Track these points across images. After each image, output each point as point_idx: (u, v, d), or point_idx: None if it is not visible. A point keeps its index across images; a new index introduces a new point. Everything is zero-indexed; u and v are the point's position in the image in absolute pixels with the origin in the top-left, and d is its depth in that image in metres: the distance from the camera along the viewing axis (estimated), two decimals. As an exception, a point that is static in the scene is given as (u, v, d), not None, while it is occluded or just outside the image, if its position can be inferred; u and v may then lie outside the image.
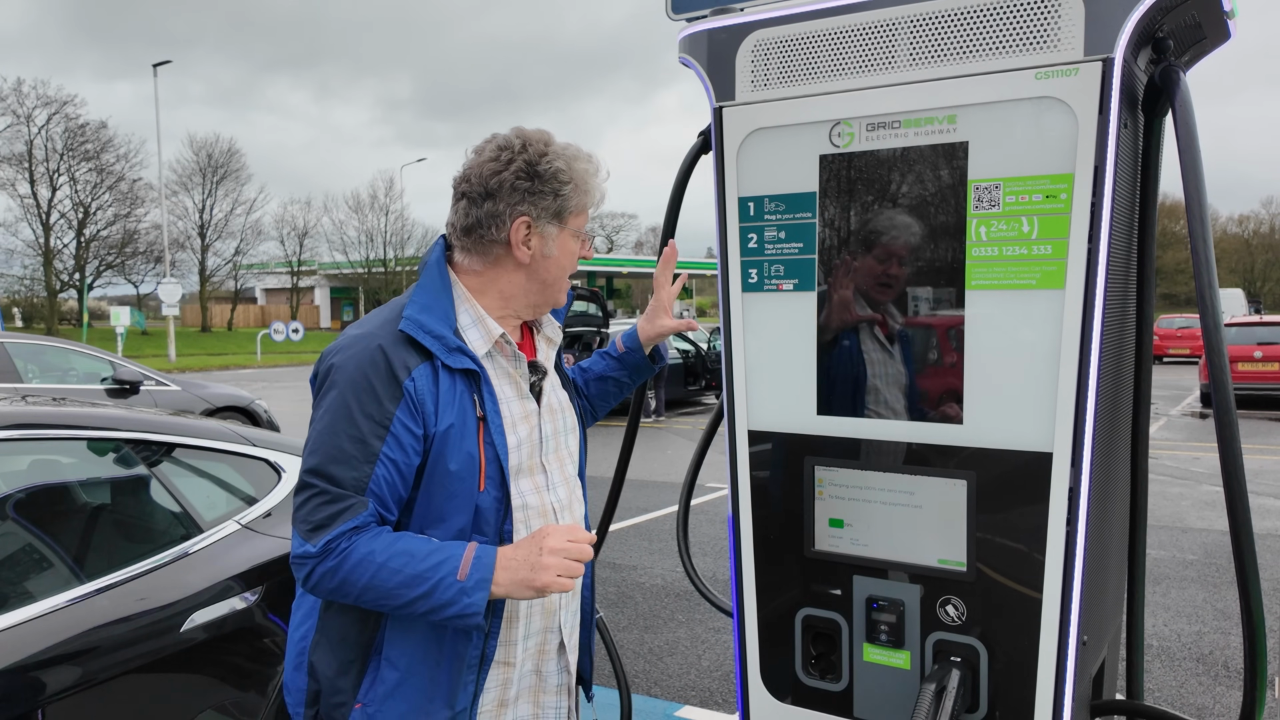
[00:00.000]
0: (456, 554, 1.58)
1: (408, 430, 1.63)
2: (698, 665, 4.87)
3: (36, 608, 2.27)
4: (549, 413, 1.85)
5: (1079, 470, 1.98)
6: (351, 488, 1.61)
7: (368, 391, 1.63)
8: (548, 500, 1.80)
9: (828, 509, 2.28)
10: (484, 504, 1.67)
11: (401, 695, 1.67)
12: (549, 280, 1.81)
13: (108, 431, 2.75)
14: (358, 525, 1.60)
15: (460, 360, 1.69)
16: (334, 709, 1.71)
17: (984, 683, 2.12)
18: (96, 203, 43.88)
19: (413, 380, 1.64)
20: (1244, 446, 1.90)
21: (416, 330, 1.68)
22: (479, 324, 1.76)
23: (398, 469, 1.63)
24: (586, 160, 1.80)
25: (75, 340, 13.24)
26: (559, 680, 1.85)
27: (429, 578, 1.55)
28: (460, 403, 1.67)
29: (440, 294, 1.76)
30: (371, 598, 1.59)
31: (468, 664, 1.68)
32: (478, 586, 1.55)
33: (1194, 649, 5.00)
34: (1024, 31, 1.97)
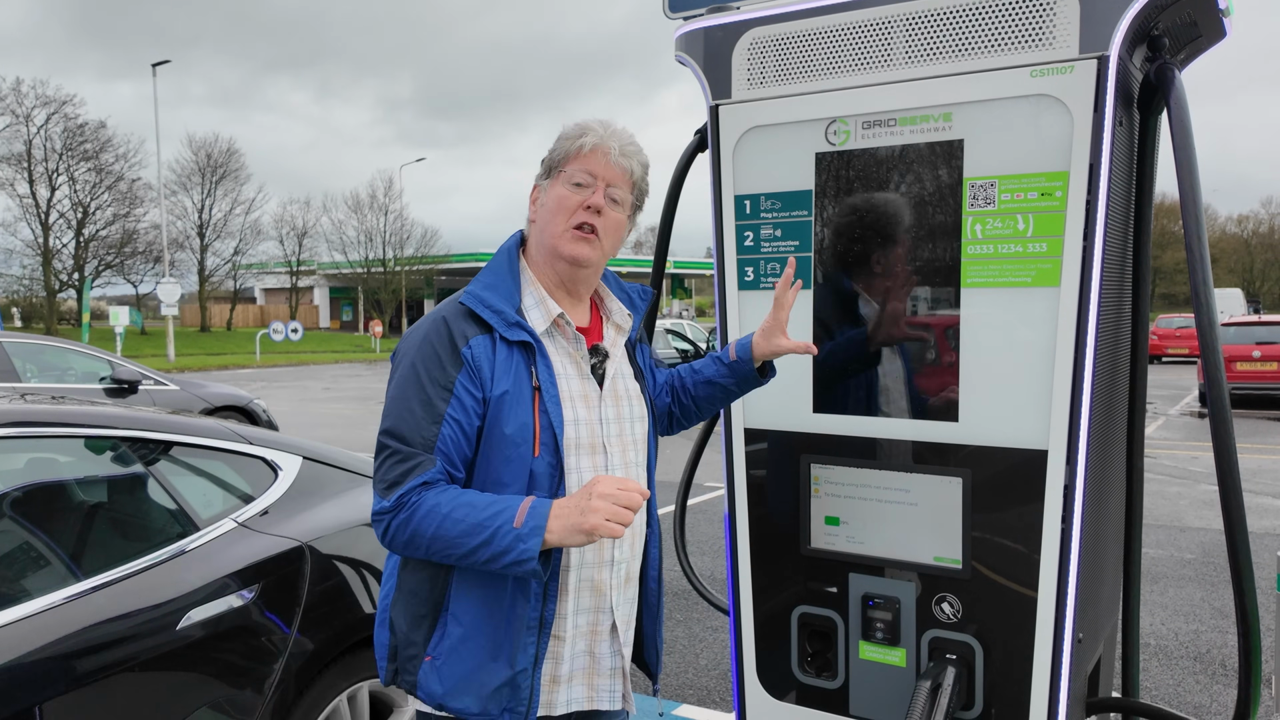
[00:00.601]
0: (514, 505, 1.68)
1: (468, 393, 1.76)
2: (695, 664, 4.87)
3: (34, 605, 2.27)
4: (613, 397, 1.91)
5: (1074, 468, 1.99)
6: (420, 446, 1.74)
7: (433, 358, 1.77)
8: None
9: (824, 507, 2.29)
10: (538, 469, 1.77)
11: (466, 650, 1.78)
12: (542, 226, 1.90)
13: (105, 430, 2.75)
14: (427, 480, 1.72)
15: (517, 333, 1.80)
16: (408, 660, 1.84)
17: (979, 680, 2.13)
18: (95, 202, 43.83)
19: (470, 348, 1.77)
20: (1243, 446, 1.91)
21: (476, 304, 1.82)
22: (541, 304, 1.87)
23: (461, 429, 1.75)
24: (589, 120, 1.91)
25: (75, 340, 13.24)
26: (613, 663, 1.88)
27: (488, 526, 1.65)
28: (516, 372, 1.79)
29: (505, 275, 1.89)
30: (439, 548, 1.70)
31: (527, 625, 1.77)
32: (532, 533, 1.64)
33: (1191, 648, 5.01)
34: (1019, 29, 1.97)
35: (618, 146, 1.87)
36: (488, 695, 1.77)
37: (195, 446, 2.89)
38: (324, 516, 2.93)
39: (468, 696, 1.77)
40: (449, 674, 1.78)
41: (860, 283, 2.21)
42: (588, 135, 1.86)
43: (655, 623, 2.03)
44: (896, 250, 2.15)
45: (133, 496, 2.86)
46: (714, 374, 2.15)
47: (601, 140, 1.86)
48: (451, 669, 1.78)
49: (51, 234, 43.11)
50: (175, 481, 2.78)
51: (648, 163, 1.95)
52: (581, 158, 1.86)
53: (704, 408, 2.21)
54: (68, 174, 42.98)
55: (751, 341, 2.10)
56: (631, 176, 1.90)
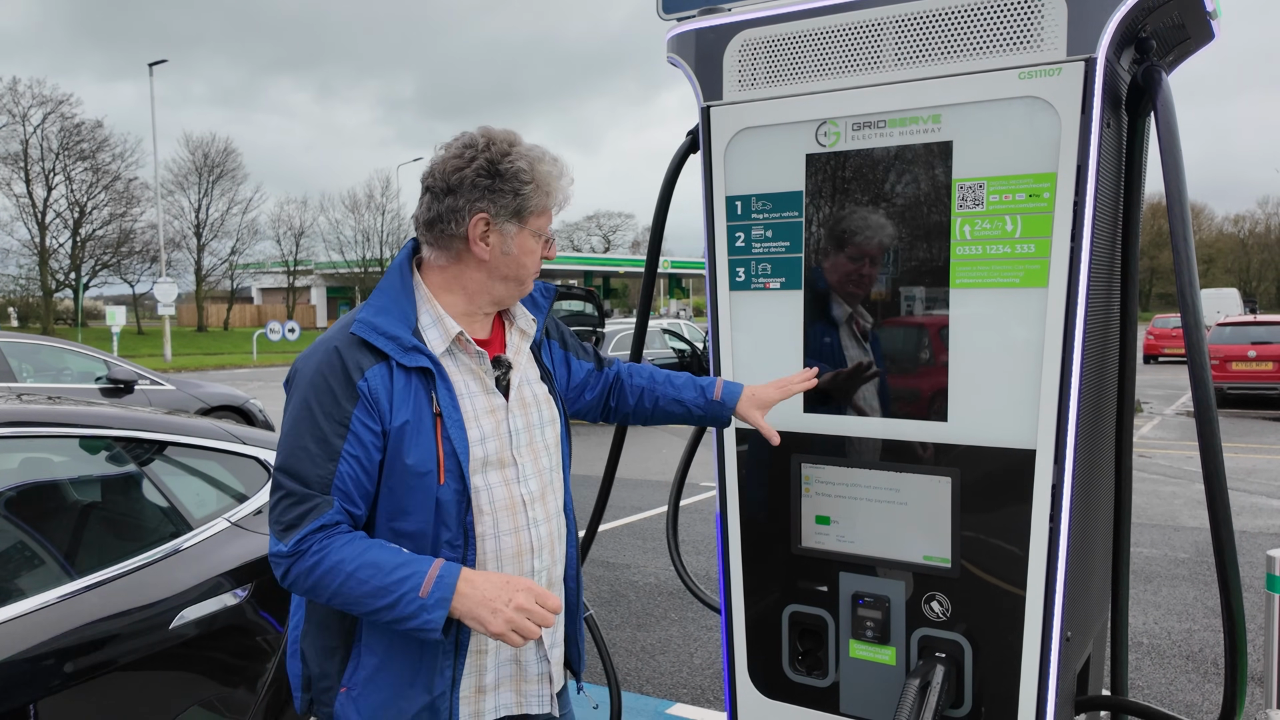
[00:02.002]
0: (421, 570, 1.63)
1: (366, 428, 1.69)
2: (689, 663, 4.88)
3: (28, 604, 2.28)
4: (520, 406, 1.88)
5: (1062, 468, 2.00)
6: (317, 486, 1.68)
7: (326, 393, 1.70)
8: (517, 492, 1.83)
9: (814, 506, 2.30)
10: (444, 497, 1.73)
11: (381, 679, 1.74)
12: (509, 276, 1.85)
13: (99, 429, 2.76)
14: (324, 524, 1.66)
15: (415, 359, 1.74)
16: (323, 692, 1.81)
17: (968, 678, 2.14)
18: (92, 202, 43.80)
19: (366, 380, 1.71)
20: (1238, 446, 1.92)
21: (368, 332, 1.74)
22: (438, 323, 1.81)
23: (360, 465, 1.69)
24: (551, 163, 1.84)
25: (71, 340, 13.22)
26: (539, 669, 1.87)
27: (393, 590, 1.61)
28: (415, 400, 1.73)
29: (399, 295, 1.82)
30: (341, 603, 1.66)
31: (443, 649, 1.74)
32: (437, 605, 1.61)
33: (1184, 647, 5.03)
34: (1008, 32, 1.98)
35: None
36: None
37: (189, 446, 2.90)
38: (317, 516, 2.93)
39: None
40: (365, 704, 1.75)
41: (850, 283, 2.22)
42: (556, 194, 1.85)
43: (574, 622, 2.01)
44: (886, 251, 2.16)
45: (126, 496, 2.87)
46: (689, 400, 2.14)
47: (566, 196, 1.88)
48: (368, 699, 1.75)
49: (48, 234, 43.08)
50: (169, 481, 2.79)
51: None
52: (548, 214, 1.86)
53: (658, 418, 2.20)
54: (64, 173, 42.96)
55: (739, 396, 2.11)
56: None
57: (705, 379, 2.18)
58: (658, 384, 2.18)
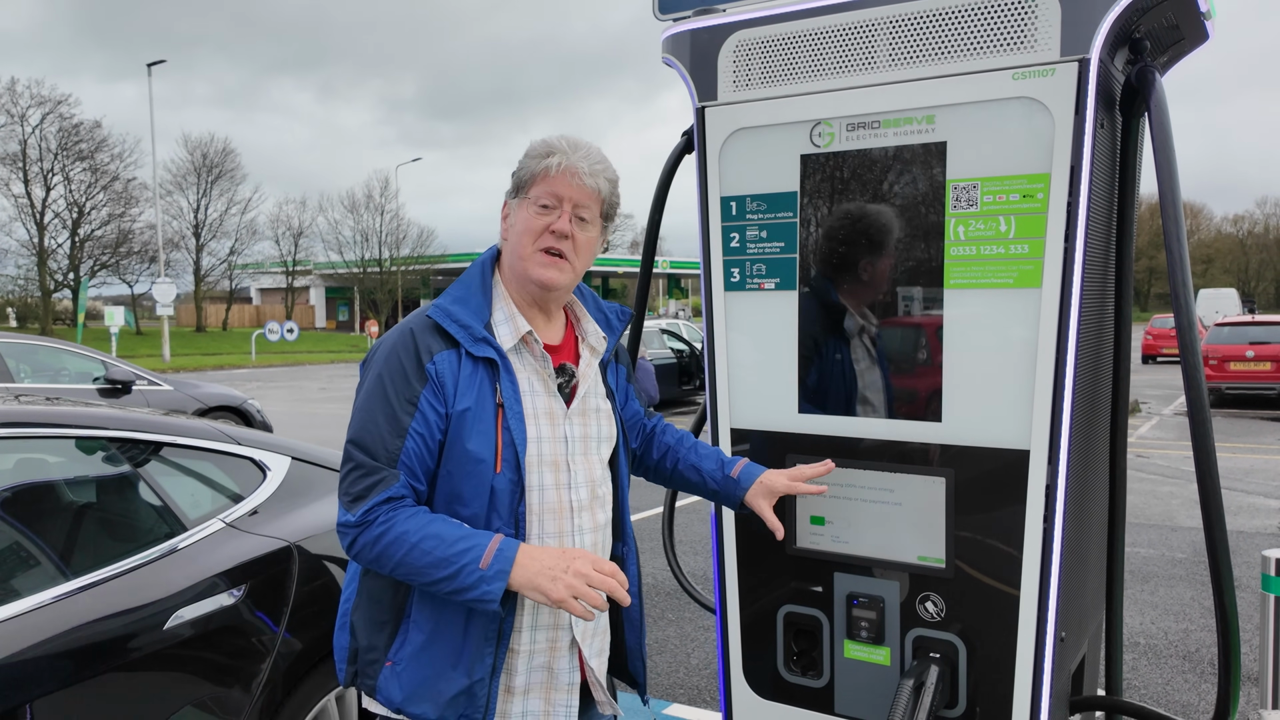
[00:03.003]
0: (482, 543, 1.69)
1: (432, 408, 1.76)
2: (686, 664, 4.88)
3: (23, 604, 2.27)
4: (580, 416, 1.91)
5: (1055, 468, 2.00)
6: (384, 460, 1.75)
7: (399, 372, 1.78)
8: (566, 497, 1.87)
9: (809, 506, 2.30)
10: (499, 486, 1.78)
11: (425, 657, 1.79)
12: (512, 247, 1.90)
13: (94, 430, 2.76)
14: (391, 496, 1.73)
15: (483, 349, 1.80)
16: (368, 665, 1.85)
17: (963, 679, 2.14)
18: (91, 202, 43.73)
19: (434, 364, 1.78)
20: (1236, 446, 1.92)
21: (443, 318, 1.82)
22: (510, 320, 1.88)
23: (425, 443, 1.76)
24: (556, 138, 1.90)
25: (69, 340, 13.21)
26: (569, 679, 1.89)
27: (454, 562, 1.67)
28: (480, 388, 1.79)
29: (476, 290, 1.89)
30: (404, 573, 1.71)
31: (486, 635, 1.78)
32: (497, 576, 1.66)
33: (1180, 646, 5.03)
34: (1002, 32, 1.99)
35: (586, 166, 1.85)
36: (445, 702, 1.77)
37: (184, 447, 2.90)
38: (312, 517, 2.94)
39: (426, 703, 1.78)
40: (409, 680, 1.79)
41: (845, 283, 2.22)
42: (554, 156, 1.85)
43: (638, 637, 2.03)
44: (880, 251, 2.17)
45: (122, 497, 2.87)
46: (708, 470, 2.15)
47: (568, 161, 1.84)
48: (411, 675, 1.79)
49: (47, 234, 43.03)
50: (164, 482, 2.79)
51: (616, 178, 1.94)
52: (548, 180, 1.85)
53: (674, 482, 2.21)
54: (63, 174, 42.90)
55: (754, 481, 2.10)
56: (600, 194, 1.89)
57: (730, 456, 2.18)
58: (684, 447, 2.19)
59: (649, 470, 2.23)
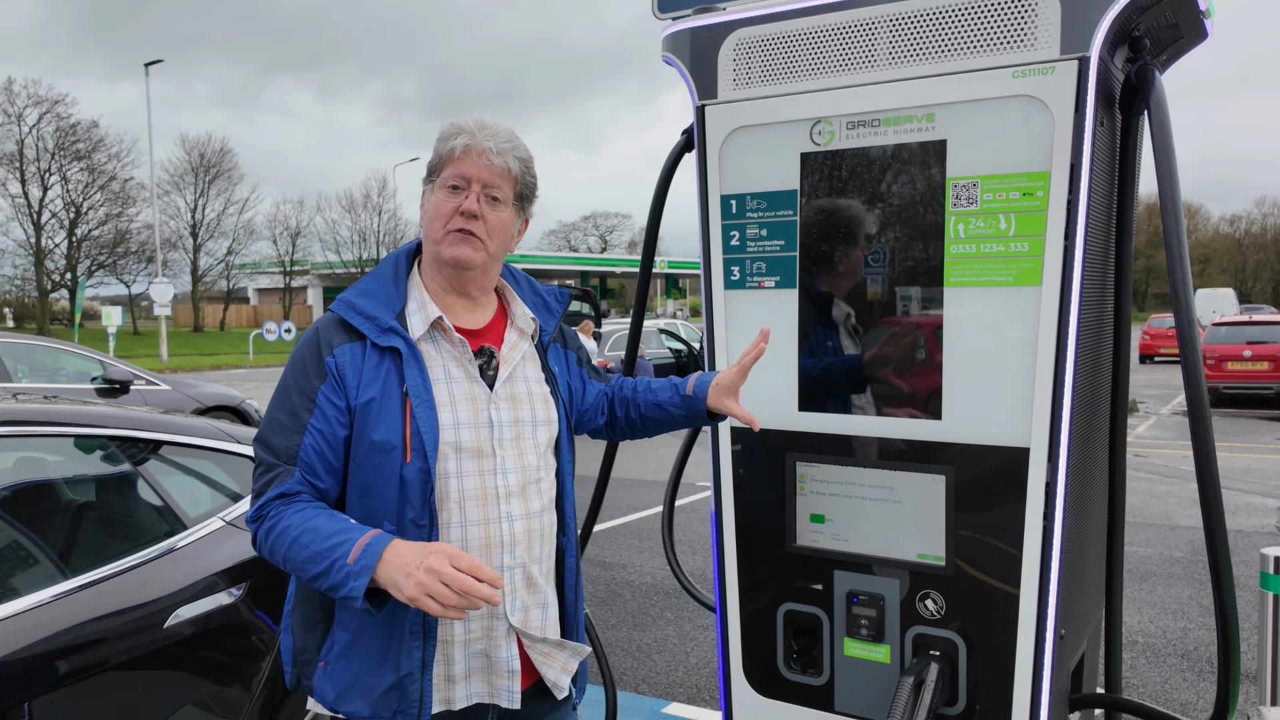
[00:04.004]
0: (354, 538, 1.66)
1: (330, 403, 1.75)
2: (685, 662, 4.89)
3: (22, 603, 2.27)
4: (509, 400, 1.88)
5: (1055, 466, 2.00)
6: (284, 457, 1.74)
7: (300, 369, 1.79)
8: (491, 483, 1.83)
9: (809, 504, 2.30)
10: (409, 475, 1.75)
11: (353, 656, 1.78)
12: (426, 233, 1.89)
13: (93, 428, 2.75)
14: (283, 492, 1.73)
15: (389, 339, 1.79)
16: (304, 665, 1.85)
17: (963, 676, 2.14)
18: (88, 202, 43.69)
19: (334, 357, 1.77)
20: (1234, 445, 1.93)
21: (346, 311, 1.82)
22: (423, 308, 1.86)
23: (325, 439, 1.75)
24: (463, 119, 1.87)
25: (67, 340, 13.20)
26: (509, 666, 1.86)
27: (327, 557, 1.64)
28: (385, 379, 1.77)
29: (388, 281, 1.88)
30: (292, 568, 1.71)
31: (410, 630, 1.76)
32: (361, 572, 1.62)
33: (1179, 645, 5.04)
34: (1001, 31, 1.99)
35: (493, 145, 1.82)
36: (376, 699, 1.76)
37: (184, 445, 2.90)
38: (313, 515, 2.93)
39: (358, 700, 1.77)
40: (339, 678, 1.79)
41: (844, 282, 2.22)
42: (460, 136, 1.83)
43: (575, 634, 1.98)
44: (881, 249, 2.17)
45: (121, 495, 2.86)
46: (666, 400, 2.12)
47: (474, 141, 1.82)
48: (341, 674, 1.78)
49: (44, 234, 42.99)
50: (164, 480, 2.79)
51: (527, 156, 1.91)
52: (455, 161, 1.83)
53: (648, 427, 2.17)
54: (60, 174, 42.86)
55: (709, 388, 2.06)
56: (511, 172, 1.85)
57: (682, 378, 2.15)
58: (639, 392, 2.16)
59: (626, 428, 2.19)
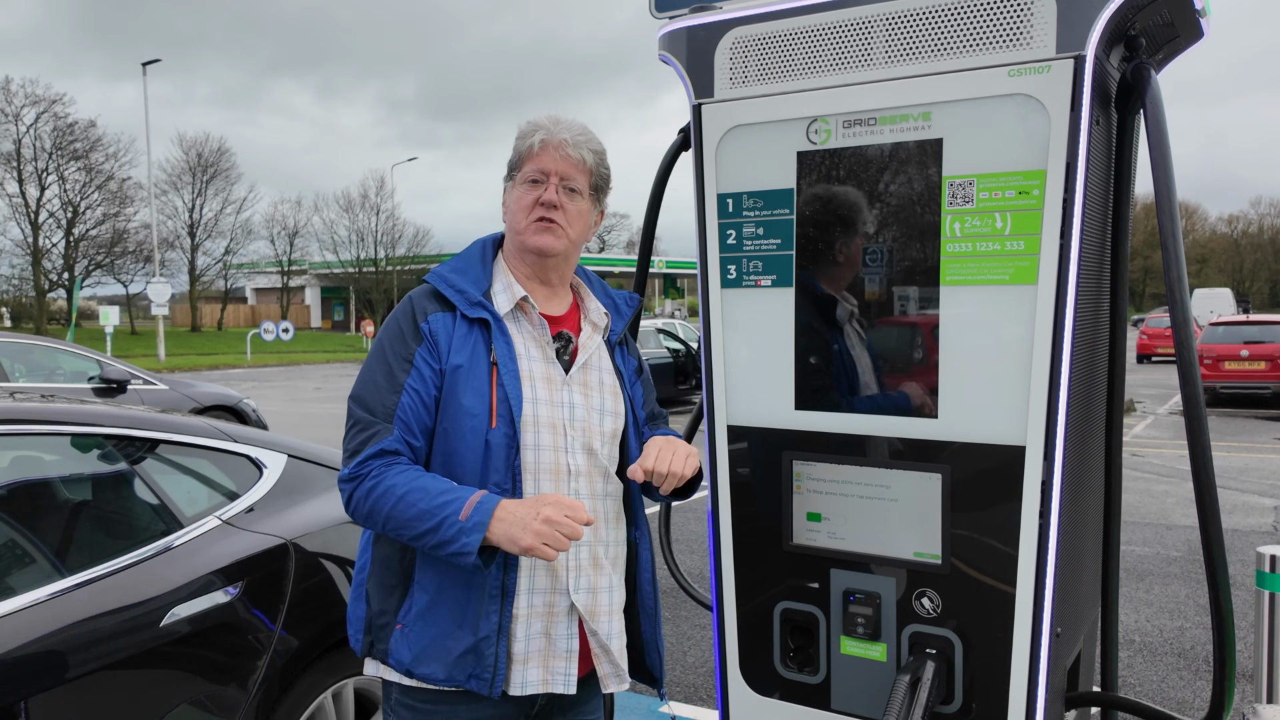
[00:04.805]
0: (463, 497, 1.73)
1: (427, 364, 1.85)
2: (683, 661, 4.89)
3: (18, 602, 2.27)
4: (581, 386, 1.96)
5: (1051, 464, 2.00)
6: (380, 415, 1.82)
7: (396, 333, 1.89)
8: (564, 460, 1.90)
9: (805, 503, 2.30)
10: (494, 440, 1.83)
11: (431, 618, 1.83)
12: (510, 225, 1.99)
13: (90, 427, 2.75)
14: (384, 449, 1.79)
15: (478, 311, 1.88)
16: (381, 630, 1.89)
17: (959, 674, 2.14)
18: (85, 202, 43.66)
19: (428, 323, 1.87)
20: (1230, 445, 1.93)
21: (440, 283, 1.92)
22: (508, 289, 1.96)
23: (420, 398, 1.83)
24: (540, 117, 1.97)
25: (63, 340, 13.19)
26: (568, 645, 1.90)
27: (437, 514, 1.71)
28: (474, 347, 1.86)
29: (476, 262, 1.99)
30: (393, 527, 1.75)
31: (489, 593, 1.81)
32: (475, 529, 1.69)
33: (1175, 644, 5.04)
34: (997, 29, 1.99)
35: (569, 138, 1.93)
36: (452, 662, 1.80)
37: (181, 444, 2.90)
38: (308, 514, 2.93)
39: (434, 663, 1.81)
40: (416, 640, 1.82)
41: (841, 281, 2.23)
42: (537, 133, 1.93)
43: (653, 627, 2.04)
44: (877, 248, 2.17)
45: (118, 494, 2.86)
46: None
47: (550, 136, 1.93)
48: (419, 636, 1.83)
49: (41, 233, 42.96)
50: (160, 479, 2.79)
51: (601, 149, 2.01)
52: (534, 157, 1.93)
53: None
54: (57, 173, 42.82)
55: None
56: (586, 165, 1.96)
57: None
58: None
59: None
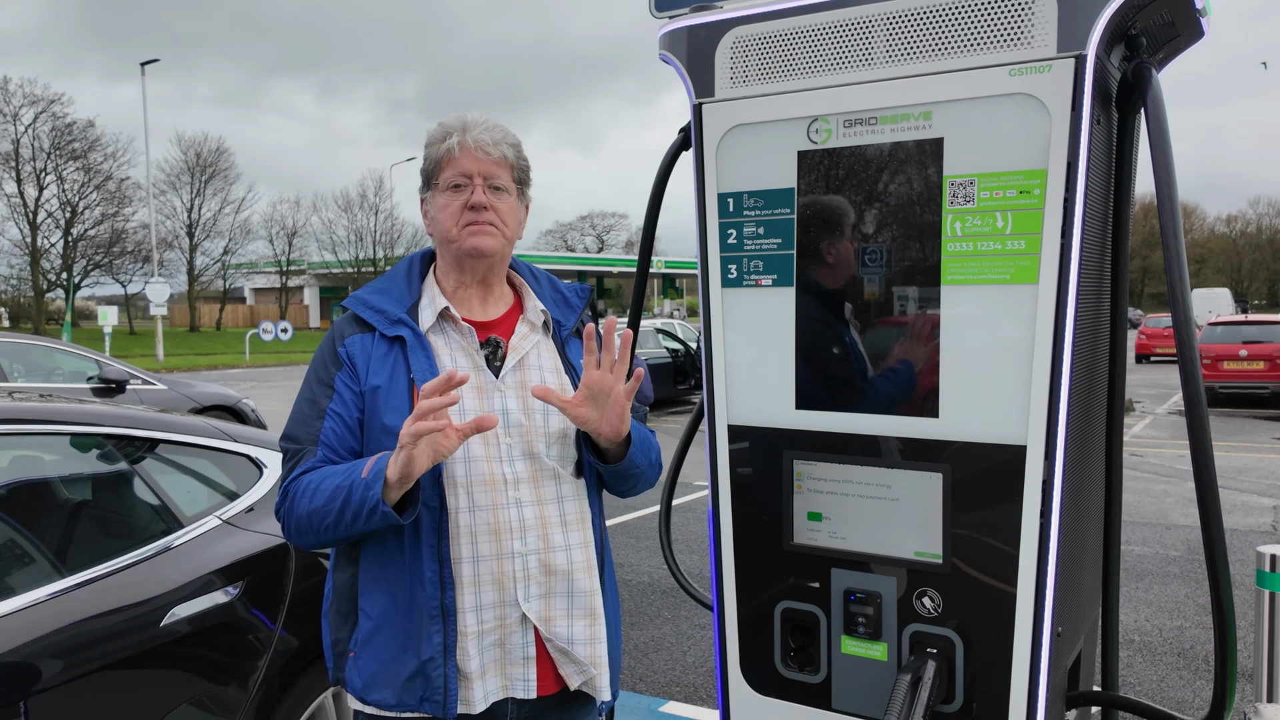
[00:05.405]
0: (365, 462, 1.73)
1: (347, 387, 1.84)
2: (683, 661, 4.89)
3: (18, 601, 2.27)
4: (517, 389, 1.92)
5: (1052, 464, 2.00)
6: (307, 441, 1.83)
7: (320, 362, 1.89)
8: (499, 469, 1.87)
9: (806, 502, 2.30)
10: None
11: (377, 643, 1.81)
12: (440, 238, 1.94)
13: (90, 427, 2.75)
14: (308, 468, 1.79)
15: (396, 329, 1.86)
16: (339, 658, 1.89)
17: (960, 674, 2.14)
18: (84, 202, 43.68)
19: (345, 347, 1.86)
20: (1229, 444, 1.93)
21: (358, 306, 1.91)
22: (432, 302, 1.92)
23: (343, 421, 1.83)
24: (449, 119, 1.92)
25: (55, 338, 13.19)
26: (524, 653, 1.88)
27: (344, 487, 1.70)
28: (393, 366, 1.84)
29: (400, 279, 1.95)
30: (317, 522, 1.74)
31: (429, 614, 1.78)
32: (375, 478, 1.68)
33: (1175, 644, 5.05)
34: (998, 29, 1.99)
35: (487, 138, 1.88)
36: (401, 686, 1.79)
37: (180, 444, 2.89)
38: (309, 514, 2.93)
39: (385, 689, 1.80)
40: (365, 667, 1.82)
41: (842, 279, 2.22)
42: (451, 137, 1.88)
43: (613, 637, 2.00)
44: (878, 247, 2.17)
45: (118, 494, 2.86)
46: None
47: (465, 138, 1.88)
48: (367, 662, 1.82)
49: (40, 233, 42.96)
50: (160, 479, 2.79)
51: (517, 141, 1.97)
52: (453, 161, 1.88)
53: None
54: (56, 173, 42.82)
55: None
56: (508, 160, 1.92)
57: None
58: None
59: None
